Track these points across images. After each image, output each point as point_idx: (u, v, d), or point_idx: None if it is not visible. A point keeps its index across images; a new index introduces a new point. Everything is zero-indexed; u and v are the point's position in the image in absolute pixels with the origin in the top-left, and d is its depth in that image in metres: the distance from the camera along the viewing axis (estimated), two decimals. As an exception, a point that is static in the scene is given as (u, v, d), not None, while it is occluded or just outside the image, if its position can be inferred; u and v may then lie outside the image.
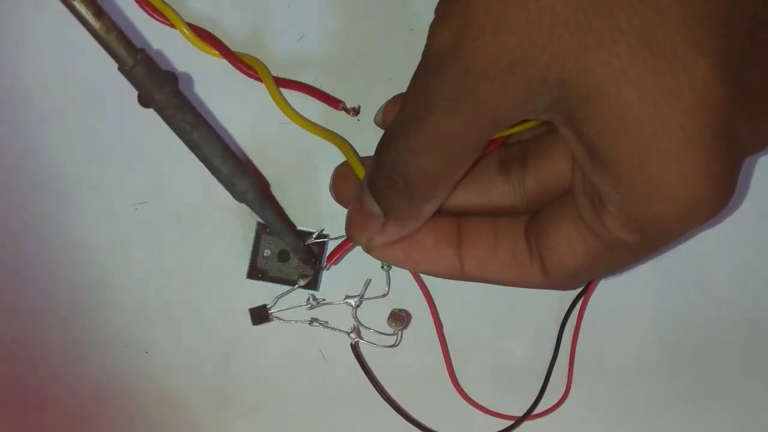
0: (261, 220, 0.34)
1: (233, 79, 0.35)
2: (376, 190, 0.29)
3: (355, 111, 0.35)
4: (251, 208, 0.31)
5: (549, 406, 0.36)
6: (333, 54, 0.35)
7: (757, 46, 0.24)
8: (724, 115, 0.23)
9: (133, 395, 0.36)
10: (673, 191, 0.24)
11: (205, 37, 0.35)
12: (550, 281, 0.30)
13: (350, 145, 0.34)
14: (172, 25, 0.35)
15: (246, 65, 0.35)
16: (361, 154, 0.33)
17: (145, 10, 0.35)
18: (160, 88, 0.28)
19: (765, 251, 0.37)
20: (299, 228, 0.35)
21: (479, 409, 0.36)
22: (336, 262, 0.35)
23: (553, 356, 0.36)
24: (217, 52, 0.35)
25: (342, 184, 0.33)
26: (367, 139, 0.35)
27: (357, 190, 0.30)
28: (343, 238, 0.34)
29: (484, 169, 0.31)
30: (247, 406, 0.36)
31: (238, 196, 0.31)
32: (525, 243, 0.30)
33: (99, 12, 0.26)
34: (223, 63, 0.35)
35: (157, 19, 0.35)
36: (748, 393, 0.37)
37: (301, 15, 0.35)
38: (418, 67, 0.26)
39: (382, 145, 0.28)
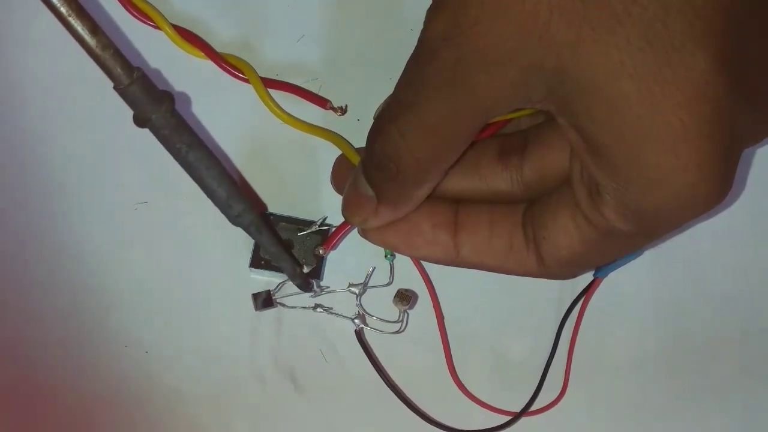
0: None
1: (228, 80, 0.35)
2: (368, 174, 0.29)
3: (342, 110, 0.35)
4: (247, 231, 0.31)
5: (547, 402, 0.36)
6: (333, 54, 0.35)
7: (759, 40, 0.24)
8: (723, 108, 0.23)
9: (133, 395, 0.35)
10: (671, 183, 0.24)
11: (189, 38, 0.35)
12: (544, 270, 0.30)
13: (341, 137, 0.35)
14: (156, 27, 0.35)
15: (232, 66, 0.35)
16: (362, 154, 0.34)
17: (129, 11, 0.35)
18: (157, 108, 0.27)
19: (763, 246, 0.38)
20: (303, 218, 0.36)
21: (477, 404, 0.36)
22: (334, 247, 0.35)
23: (551, 354, 0.36)
24: (202, 54, 0.35)
25: (341, 174, 0.33)
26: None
27: (352, 173, 0.31)
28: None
29: (483, 155, 0.31)
30: (247, 405, 0.36)
31: (234, 220, 0.31)
32: (521, 231, 0.30)
33: (95, 28, 0.25)
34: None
35: (142, 21, 0.35)
36: (747, 391, 0.37)
37: (301, 15, 0.35)
38: (412, 53, 0.26)
39: (374, 131, 0.28)
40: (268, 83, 0.35)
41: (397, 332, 0.35)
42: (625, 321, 0.37)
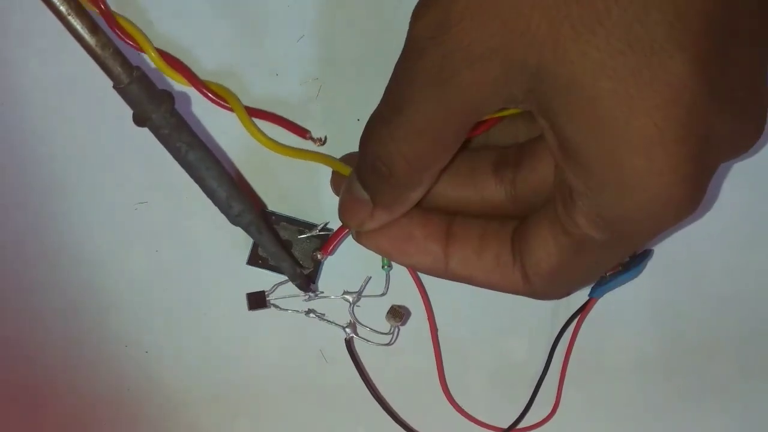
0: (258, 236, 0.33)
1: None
2: (362, 178, 0.29)
3: (321, 141, 0.35)
4: (247, 231, 0.31)
5: (538, 420, 0.36)
6: (333, 54, 0.35)
7: (741, 46, 0.24)
8: (699, 114, 0.23)
9: (133, 395, 0.35)
10: (645, 187, 0.24)
11: (173, 63, 0.33)
12: (529, 287, 0.30)
13: (329, 156, 0.34)
14: (141, 49, 0.34)
15: (215, 94, 0.34)
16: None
17: (114, 31, 0.34)
18: (156, 107, 0.27)
19: (759, 248, 0.37)
20: (303, 220, 0.35)
21: (467, 418, 0.36)
22: (332, 253, 0.35)
23: (543, 371, 0.36)
24: (184, 80, 0.34)
25: (339, 179, 0.33)
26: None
27: (348, 177, 0.31)
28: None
29: (478, 167, 0.31)
30: (247, 405, 0.36)
31: (234, 219, 0.31)
32: (510, 248, 0.30)
33: (94, 27, 0.25)
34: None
35: (127, 43, 0.34)
36: (745, 391, 0.37)
37: (301, 15, 0.35)
38: (400, 54, 0.26)
39: (366, 134, 0.28)
40: (252, 112, 0.35)
41: (387, 344, 0.35)
42: (623, 323, 0.37)
